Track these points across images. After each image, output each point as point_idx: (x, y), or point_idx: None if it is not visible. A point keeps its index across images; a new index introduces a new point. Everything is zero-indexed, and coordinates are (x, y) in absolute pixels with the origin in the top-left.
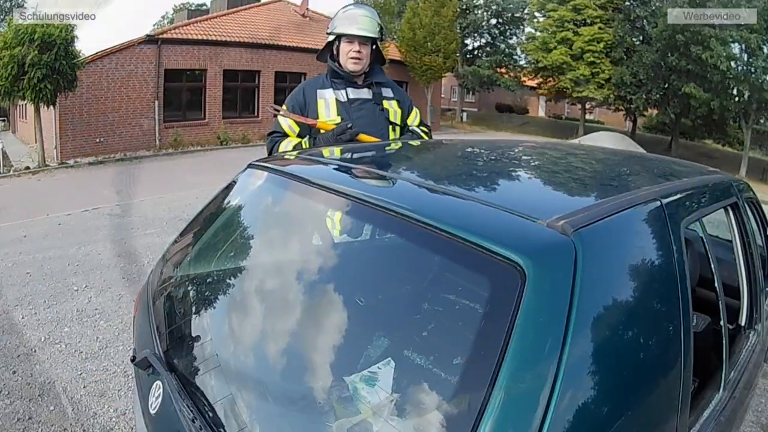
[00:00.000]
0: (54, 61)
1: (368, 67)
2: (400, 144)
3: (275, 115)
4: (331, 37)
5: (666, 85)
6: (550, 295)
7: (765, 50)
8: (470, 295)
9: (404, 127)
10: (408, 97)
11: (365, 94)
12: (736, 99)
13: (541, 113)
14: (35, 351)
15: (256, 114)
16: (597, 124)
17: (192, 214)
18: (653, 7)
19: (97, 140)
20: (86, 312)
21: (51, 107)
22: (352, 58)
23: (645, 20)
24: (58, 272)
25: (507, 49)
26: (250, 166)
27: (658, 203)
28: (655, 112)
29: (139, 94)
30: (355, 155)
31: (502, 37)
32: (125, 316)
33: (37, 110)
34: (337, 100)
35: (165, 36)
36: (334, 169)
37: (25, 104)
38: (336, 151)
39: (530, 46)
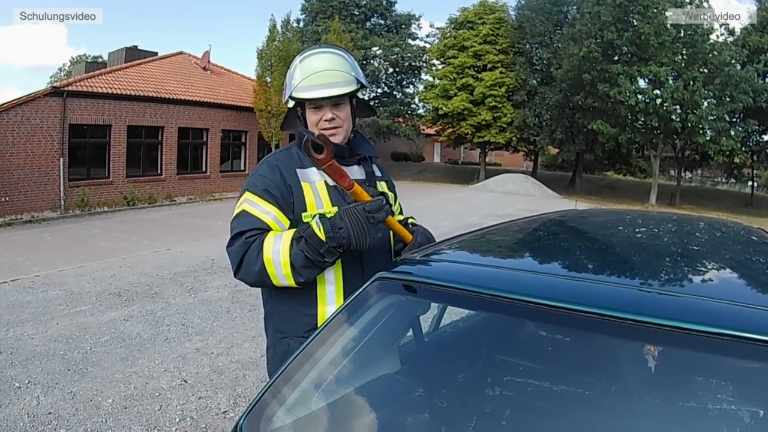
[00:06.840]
0: None
1: (352, 131)
2: (550, 223)
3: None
4: (291, 103)
5: (570, 124)
6: None
7: (671, 82)
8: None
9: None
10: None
11: (357, 172)
12: (643, 131)
13: (437, 159)
14: None
15: (159, 172)
16: (495, 166)
17: (119, 286)
18: (554, 48)
19: (2, 199)
20: (39, 418)
21: None
22: (326, 129)
23: (547, 62)
24: None
25: (405, 99)
26: (379, 279)
27: None
28: (557, 150)
29: (44, 150)
30: (513, 249)
31: (399, 87)
32: (87, 422)
33: None
34: (326, 183)
35: (70, 89)
36: (525, 275)
37: None
38: (469, 245)
39: (429, 94)
